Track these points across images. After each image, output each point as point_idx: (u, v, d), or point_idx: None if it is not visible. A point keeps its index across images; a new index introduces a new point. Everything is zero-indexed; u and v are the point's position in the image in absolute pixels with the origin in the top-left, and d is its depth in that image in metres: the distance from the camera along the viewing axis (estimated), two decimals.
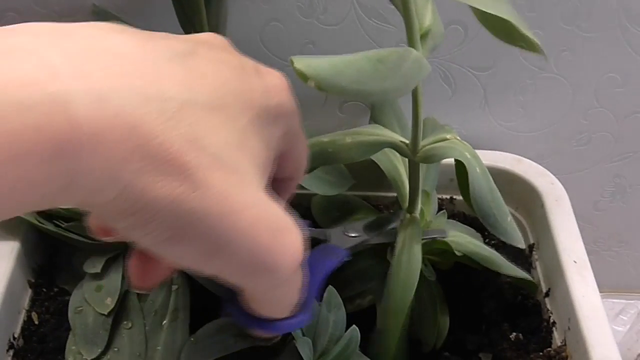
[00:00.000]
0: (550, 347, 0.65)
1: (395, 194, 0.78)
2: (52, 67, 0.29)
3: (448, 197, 0.79)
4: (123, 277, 0.64)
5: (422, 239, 0.60)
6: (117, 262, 0.65)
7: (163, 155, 0.31)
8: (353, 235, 0.59)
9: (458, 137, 0.58)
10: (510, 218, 0.59)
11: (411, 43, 0.49)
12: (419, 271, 0.57)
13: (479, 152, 0.58)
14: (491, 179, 0.57)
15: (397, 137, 0.58)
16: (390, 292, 0.58)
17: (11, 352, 0.63)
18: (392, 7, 0.69)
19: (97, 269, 0.64)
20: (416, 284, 0.57)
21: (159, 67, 0.33)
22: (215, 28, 0.65)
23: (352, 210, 0.71)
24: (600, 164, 0.89)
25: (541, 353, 0.64)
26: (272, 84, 0.41)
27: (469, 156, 0.56)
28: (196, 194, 0.33)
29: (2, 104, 0.27)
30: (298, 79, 0.38)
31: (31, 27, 0.31)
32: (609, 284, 1.10)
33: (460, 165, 0.57)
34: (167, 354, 0.59)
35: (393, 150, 0.59)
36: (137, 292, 0.45)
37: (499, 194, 0.58)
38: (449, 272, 0.68)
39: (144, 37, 0.35)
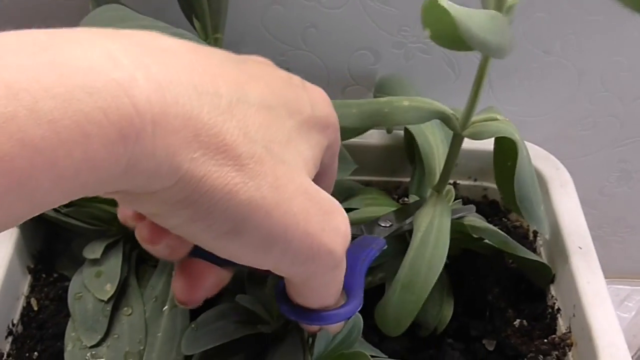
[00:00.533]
0: (554, 333, 0.65)
1: (396, 179, 0.78)
2: (114, 57, 0.30)
3: (451, 181, 0.79)
4: (123, 263, 0.63)
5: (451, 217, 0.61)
6: (116, 248, 0.64)
7: (219, 145, 0.33)
8: (385, 225, 0.60)
9: (507, 119, 0.58)
10: (542, 206, 0.59)
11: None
12: (447, 250, 0.57)
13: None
14: (532, 165, 0.58)
15: (449, 110, 0.58)
16: (412, 267, 0.58)
17: (10, 339, 0.63)
18: None
19: (97, 254, 0.63)
20: (444, 263, 0.57)
21: (213, 67, 0.35)
22: (216, 11, 0.65)
23: (356, 194, 0.71)
24: (606, 148, 0.88)
25: (546, 340, 0.64)
26: (317, 97, 0.44)
27: (518, 138, 0.56)
28: (252, 183, 0.34)
29: (72, 87, 0.28)
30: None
31: (86, 29, 0.32)
32: (614, 270, 1.10)
33: (504, 146, 0.57)
34: (167, 340, 0.59)
35: (431, 125, 0.59)
36: (182, 306, 0.46)
37: (537, 181, 0.58)
38: (454, 257, 0.68)
39: (196, 44, 0.37)
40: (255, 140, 0.35)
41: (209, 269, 0.43)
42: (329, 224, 0.39)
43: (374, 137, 0.76)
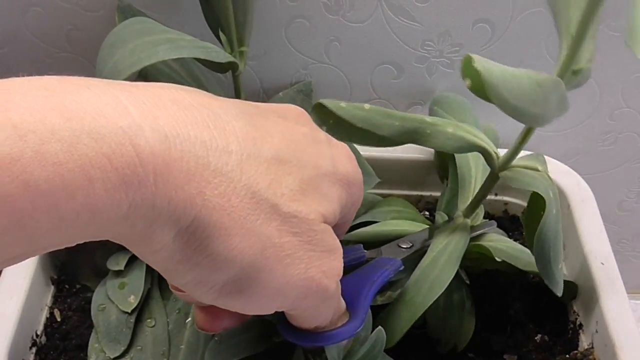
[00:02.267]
0: (576, 349, 0.64)
1: (417, 193, 0.78)
2: (123, 105, 0.30)
3: None
4: (146, 275, 0.64)
5: (472, 235, 0.62)
6: (140, 260, 0.64)
7: (225, 207, 0.33)
8: (405, 246, 0.60)
9: (548, 173, 0.58)
10: (562, 266, 0.59)
11: (561, 74, 0.48)
12: (451, 278, 0.57)
13: (502, 150, 0.58)
14: (560, 223, 0.57)
15: (492, 147, 0.57)
16: (415, 285, 0.58)
17: (34, 349, 0.63)
18: (419, 5, 0.68)
19: (121, 266, 0.64)
20: (444, 288, 0.56)
21: (225, 123, 0.35)
22: (241, 24, 0.65)
23: (381, 205, 0.70)
24: (626, 164, 0.88)
25: (567, 355, 0.64)
26: (341, 154, 0.44)
27: (551, 195, 0.55)
28: (256, 247, 0.35)
29: (79, 131, 0.28)
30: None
31: (98, 79, 0.32)
32: (633, 285, 1.09)
33: (537, 201, 0.56)
34: (190, 353, 0.59)
35: (476, 153, 0.59)
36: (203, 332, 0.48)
37: (561, 240, 0.58)
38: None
39: (213, 96, 0.37)
40: (265, 197, 0.35)
41: None
42: (328, 264, 0.40)
43: (396, 150, 0.76)
